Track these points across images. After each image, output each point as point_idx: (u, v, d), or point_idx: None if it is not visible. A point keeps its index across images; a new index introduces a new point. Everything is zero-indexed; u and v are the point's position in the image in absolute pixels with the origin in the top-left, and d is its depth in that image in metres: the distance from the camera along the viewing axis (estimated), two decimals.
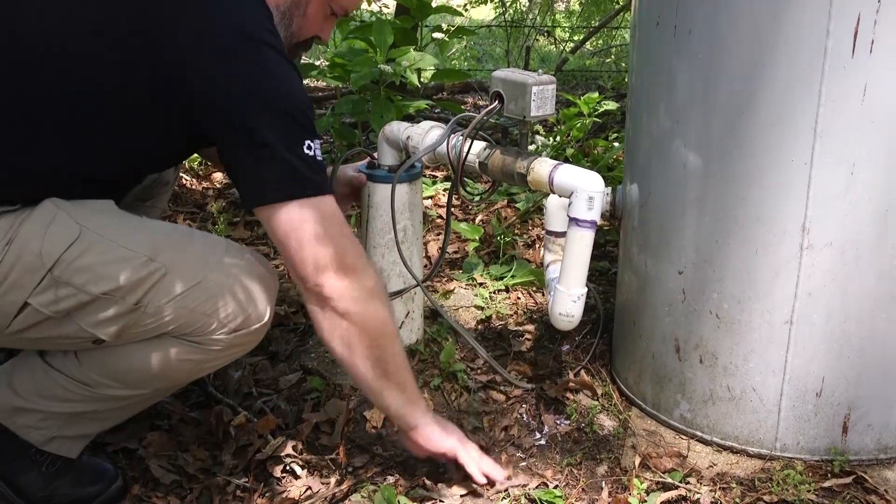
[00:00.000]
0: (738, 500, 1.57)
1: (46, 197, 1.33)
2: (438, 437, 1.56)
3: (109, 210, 1.39)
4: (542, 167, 1.66)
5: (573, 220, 1.60)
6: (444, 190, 3.22)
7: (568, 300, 1.66)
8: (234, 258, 1.44)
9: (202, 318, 1.39)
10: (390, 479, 1.62)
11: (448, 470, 1.62)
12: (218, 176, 3.59)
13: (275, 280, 1.49)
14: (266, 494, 1.59)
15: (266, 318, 1.45)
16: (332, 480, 1.63)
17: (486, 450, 1.68)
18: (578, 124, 3.55)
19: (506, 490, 1.58)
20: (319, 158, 1.38)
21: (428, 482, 1.62)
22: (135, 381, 1.45)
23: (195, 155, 3.63)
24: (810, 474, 1.63)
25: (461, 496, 1.59)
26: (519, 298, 2.42)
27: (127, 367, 1.42)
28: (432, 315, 2.21)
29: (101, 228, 1.34)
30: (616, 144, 3.47)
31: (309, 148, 1.36)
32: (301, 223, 1.36)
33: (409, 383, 1.52)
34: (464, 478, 1.58)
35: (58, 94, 1.32)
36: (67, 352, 1.44)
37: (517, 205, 3.09)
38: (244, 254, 1.46)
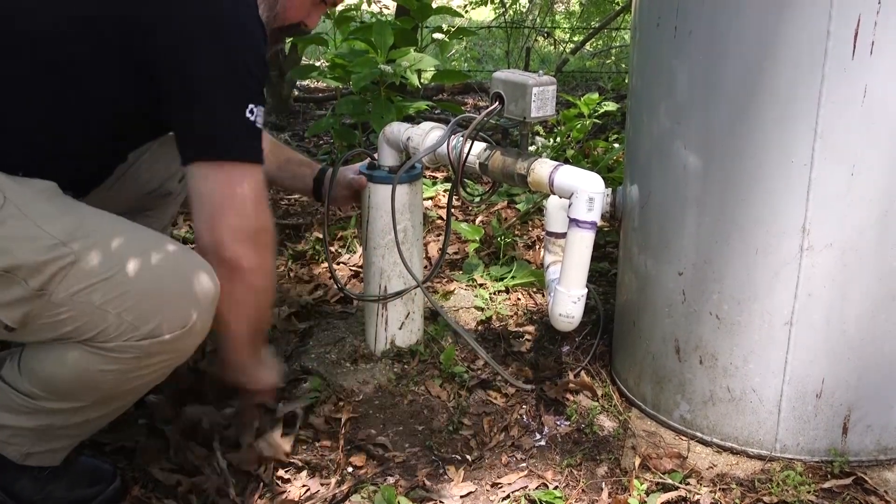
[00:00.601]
0: (738, 500, 1.57)
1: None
2: (258, 377, 1.64)
3: (45, 190, 1.33)
4: (543, 168, 1.66)
5: (573, 221, 1.60)
6: (445, 191, 3.22)
7: (568, 301, 1.66)
8: (165, 258, 1.36)
9: (108, 317, 1.30)
10: (390, 480, 1.62)
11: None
12: None
13: (213, 285, 1.39)
14: (266, 495, 1.59)
15: (188, 325, 1.35)
16: (332, 481, 1.63)
17: (487, 449, 1.68)
18: (579, 125, 3.55)
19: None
20: (260, 126, 1.37)
21: (428, 483, 1.62)
22: (64, 392, 1.38)
23: None
24: (810, 475, 1.63)
25: (461, 497, 1.59)
26: (519, 299, 2.42)
27: (49, 375, 1.37)
28: (432, 316, 2.21)
29: (24, 204, 1.28)
30: (616, 145, 3.48)
31: (252, 113, 1.35)
32: (234, 187, 1.36)
33: (261, 345, 1.64)
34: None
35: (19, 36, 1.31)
36: (13, 361, 1.41)
37: (517, 206, 3.09)
38: (181, 255, 1.39)
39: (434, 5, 3.60)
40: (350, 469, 1.67)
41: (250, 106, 1.35)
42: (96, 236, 1.32)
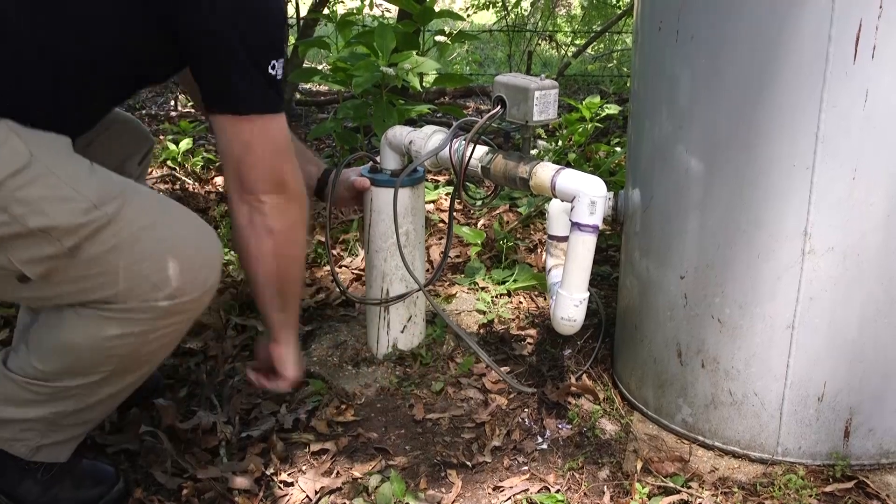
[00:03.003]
0: None
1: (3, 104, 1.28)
2: (285, 361, 1.62)
3: (65, 147, 1.34)
4: (545, 172, 1.66)
5: (575, 225, 1.60)
6: (447, 194, 3.22)
7: (570, 304, 1.66)
8: (184, 221, 1.42)
9: (132, 277, 1.33)
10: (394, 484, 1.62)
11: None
12: (220, 180, 3.60)
13: (220, 246, 1.45)
14: (268, 499, 1.59)
15: (209, 285, 1.41)
16: (334, 483, 1.63)
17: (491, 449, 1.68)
18: (580, 129, 3.56)
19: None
20: (280, 77, 1.40)
21: (429, 486, 1.62)
22: (78, 367, 1.39)
23: (197, 159, 3.65)
24: (812, 479, 1.63)
25: (462, 500, 1.59)
26: (521, 303, 2.42)
27: (63, 347, 1.38)
28: (434, 319, 2.21)
29: (52, 163, 1.29)
30: (618, 149, 3.48)
31: (273, 68, 1.38)
32: (257, 138, 1.39)
33: (292, 306, 1.60)
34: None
35: None
36: (17, 349, 1.42)
37: (519, 209, 3.09)
38: (194, 218, 1.44)
39: (436, 9, 3.61)
40: (352, 472, 1.67)
41: (273, 62, 1.37)
42: (123, 199, 1.34)
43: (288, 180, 1.45)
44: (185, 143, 3.68)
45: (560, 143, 3.60)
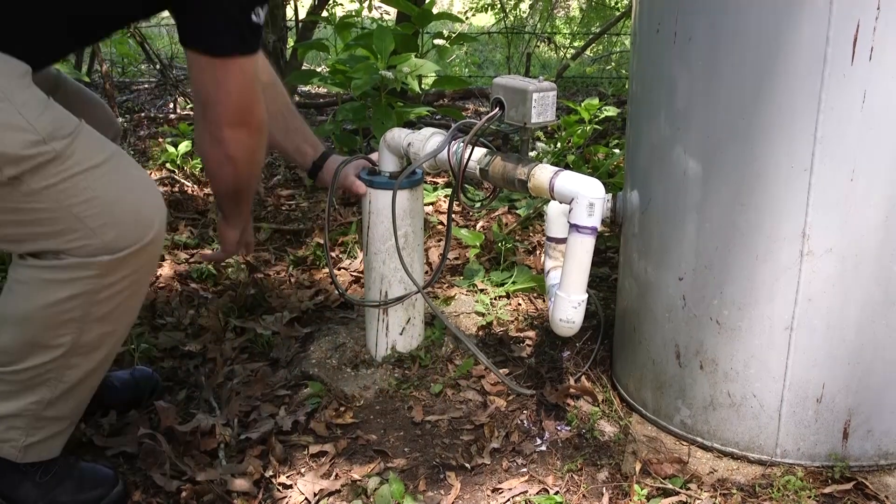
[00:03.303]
0: None
1: None
2: (227, 237, 1.79)
3: (25, 75, 1.30)
4: (543, 173, 1.66)
5: (574, 227, 1.60)
6: (445, 196, 3.23)
7: (569, 306, 1.66)
8: (129, 173, 1.39)
9: (70, 219, 1.30)
10: (393, 486, 1.62)
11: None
12: None
13: (162, 205, 1.43)
14: (267, 500, 1.59)
15: (144, 241, 1.37)
16: (333, 485, 1.63)
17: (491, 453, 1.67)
18: (579, 131, 3.56)
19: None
20: (261, 23, 1.43)
21: (428, 488, 1.62)
22: (34, 340, 1.37)
23: (196, 161, 3.65)
24: (811, 480, 1.63)
25: (461, 502, 1.59)
26: (520, 304, 2.42)
27: (14, 318, 1.37)
28: (433, 321, 2.21)
29: (7, 88, 1.26)
30: (616, 151, 3.48)
31: (256, 15, 1.41)
32: (229, 78, 1.43)
33: (246, 201, 1.74)
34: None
35: None
36: None
37: (518, 211, 3.10)
38: (141, 172, 1.42)
39: (435, 11, 3.61)
40: (351, 474, 1.67)
41: (256, 8, 1.40)
42: (73, 138, 1.32)
43: (252, 117, 1.51)
44: (185, 146, 3.68)
45: (559, 144, 3.60)
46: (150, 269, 1.47)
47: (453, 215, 2.09)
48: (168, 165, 3.65)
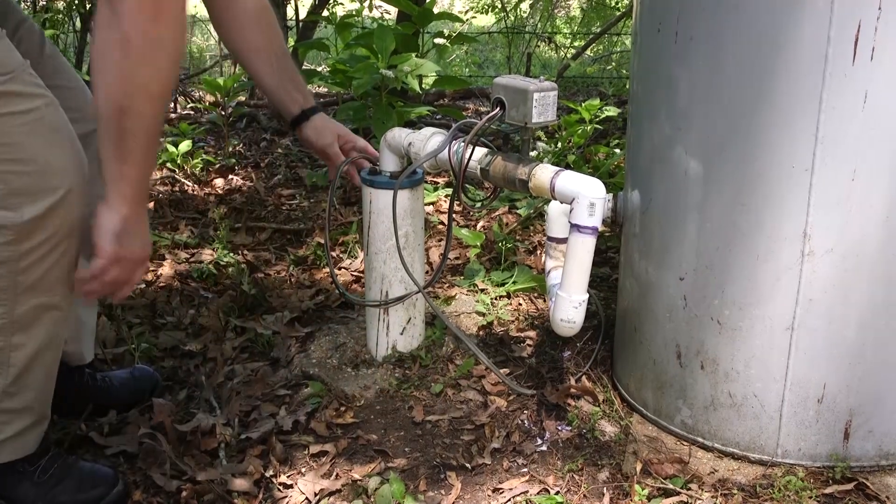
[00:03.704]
0: None
1: None
2: (104, 229, 1.35)
3: None
4: (544, 173, 1.66)
5: (574, 227, 1.60)
6: (446, 196, 3.23)
7: (569, 306, 1.66)
8: (57, 126, 1.32)
9: None
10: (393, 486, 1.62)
11: None
12: (219, 182, 3.60)
13: (81, 165, 1.35)
14: (267, 500, 1.59)
15: (62, 193, 1.30)
16: (333, 485, 1.63)
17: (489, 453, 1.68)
18: (580, 131, 3.56)
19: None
20: None
21: (429, 488, 1.62)
22: None
23: (196, 161, 3.65)
24: (812, 481, 1.63)
25: (462, 502, 1.59)
26: (520, 304, 2.42)
27: None
28: (434, 321, 2.21)
29: None
30: (617, 151, 3.48)
31: None
32: None
33: (135, 159, 1.32)
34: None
35: None
36: None
37: (518, 211, 3.10)
38: (68, 132, 1.34)
39: (435, 11, 3.61)
40: (351, 474, 1.67)
41: None
42: (10, 77, 1.28)
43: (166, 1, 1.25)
44: (185, 145, 3.68)
45: (559, 144, 3.60)
46: (72, 234, 1.37)
47: (454, 215, 2.09)
48: (168, 165, 3.66)
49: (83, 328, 1.79)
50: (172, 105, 5.06)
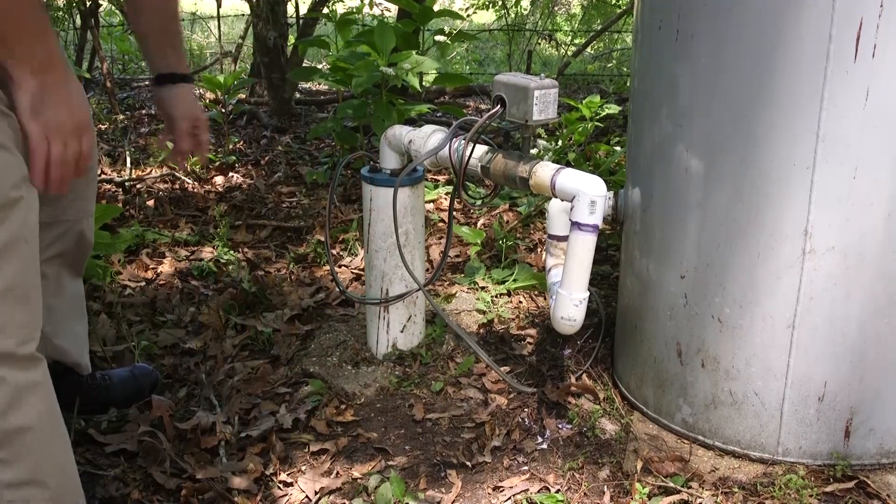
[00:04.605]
0: None
1: None
2: (21, 112, 1.21)
3: None
4: (544, 171, 1.66)
5: (575, 224, 1.60)
6: (446, 194, 3.22)
7: (570, 304, 1.66)
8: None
9: None
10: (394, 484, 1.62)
11: None
12: (219, 180, 3.59)
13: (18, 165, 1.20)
14: (267, 498, 1.59)
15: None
16: (333, 483, 1.62)
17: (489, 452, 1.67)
18: (580, 128, 3.56)
19: None
20: None
21: (429, 486, 1.62)
22: None
23: (196, 159, 3.64)
24: (812, 479, 1.63)
25: (462, 500, 1.59)
26: (521, 302, 2.42)
27: None
28: (434, 319, 2.21)
29: None
30: (618, 148, 3.48)
31: None
32: None
33: (13, 39, 1.16)
34: None
35: None
36: None
37: (519, 209, 3.09)
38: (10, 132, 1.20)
39: (435, 8, 3.61)
40: (351, 472, 1.67)
41: None
42: None
43: None
44: None
45: (560, 142, 3.60)
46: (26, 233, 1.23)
47: (454, 213, 2.09)
48: (169, 163, 3.65)
49: (78, 340, 1.78)
50: None
